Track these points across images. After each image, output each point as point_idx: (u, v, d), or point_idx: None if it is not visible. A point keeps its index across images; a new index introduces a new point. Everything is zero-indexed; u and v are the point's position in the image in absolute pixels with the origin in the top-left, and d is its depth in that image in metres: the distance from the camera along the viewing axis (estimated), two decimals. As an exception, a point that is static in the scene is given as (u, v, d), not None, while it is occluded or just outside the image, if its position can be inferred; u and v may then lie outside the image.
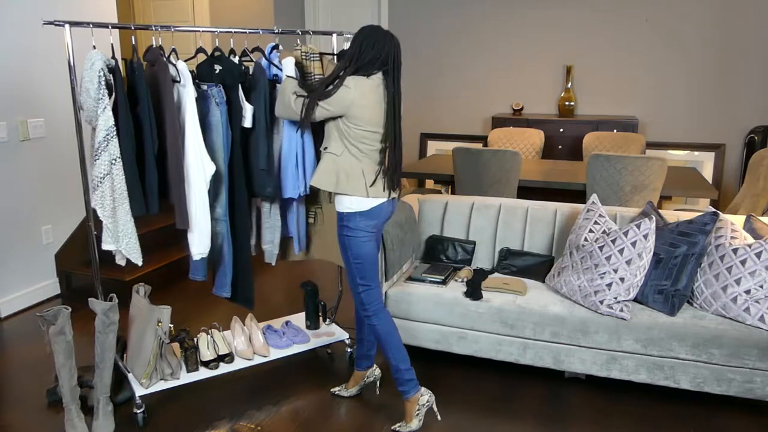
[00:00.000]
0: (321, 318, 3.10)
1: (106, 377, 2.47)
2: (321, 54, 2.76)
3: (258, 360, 2.77)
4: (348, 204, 2.33)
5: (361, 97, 2.25)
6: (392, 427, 2.48)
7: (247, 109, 2.58)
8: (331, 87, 2.26)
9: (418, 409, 2.45)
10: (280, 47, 2.69)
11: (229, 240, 2.67)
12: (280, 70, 2.62)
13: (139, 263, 2.44)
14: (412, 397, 2.44)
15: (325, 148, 2.37)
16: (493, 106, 6.11)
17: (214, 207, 2.62)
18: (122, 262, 2.50)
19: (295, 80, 2.41)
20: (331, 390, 2.75)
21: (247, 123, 2.59)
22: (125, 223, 2.37)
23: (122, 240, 2.38)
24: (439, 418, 2.55)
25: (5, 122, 3.54)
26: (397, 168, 2.38)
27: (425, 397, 2.46)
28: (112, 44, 2.42)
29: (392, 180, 2.37)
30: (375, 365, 2.75)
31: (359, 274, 2.38)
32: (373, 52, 2.26)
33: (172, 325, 2.68)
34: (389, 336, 2.42)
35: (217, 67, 2.55)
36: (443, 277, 2.93)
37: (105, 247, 2.39)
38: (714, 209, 2.68)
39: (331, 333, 3.02)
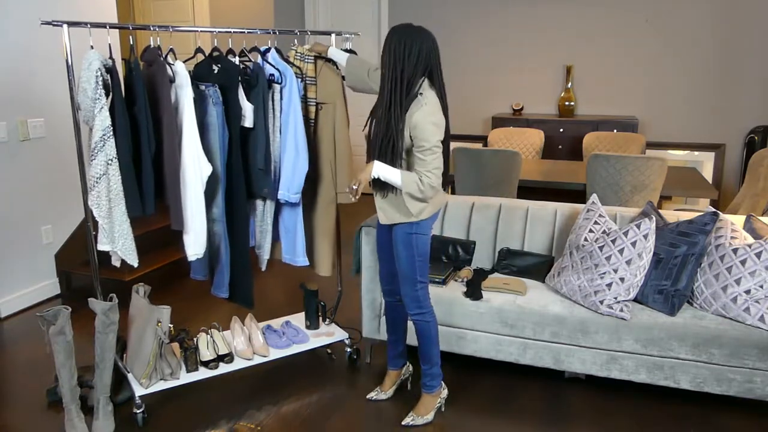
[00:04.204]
0: (321, 318, 3.10)
1: (106, 377, 2.47)
2: (315, 57, 2.76)
3: (258, 360, 2.76)
4: (426, 209, 2.32)
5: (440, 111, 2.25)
6: (403, 422, 2.50)
7: (247, 109, 2.58)
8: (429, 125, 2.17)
9: (439, 402, 2.55)
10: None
11: (226, 240, 2.67)
12: (277, 70, 2.61)
13: (135, 264, 2.44)
14: (436, 391, 2.53)
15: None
16: (493, 106, 6.11)
17: (210, 208, 2.61)
18: (117, 263, 2.50)
19: (405, 173, 2.22)
20: (368, 396, 2.71)
21: (248, 123, 2.59)
22: (121, 224, 2.37)
23: (118, 241, 2.38)
24: (442, 409, 2.59)
25: (5, 122, 3.54)
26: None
27: (445, 390, 2.59)
28: (109, 44, 2.42)
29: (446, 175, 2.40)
30: (408, 362, 2.75)
31: (420, 272, 2.39)
32: (412, 56, 2.19)
33: (171, 325, 2.68)
34: (437, 334, 2.47)
35: (216, 67, 2.55)
36: (443, 277, 2.92)
37: (101, 247, 2.39)
38: (714, 209, 2.67)
39: (331, 333, 3.02)
